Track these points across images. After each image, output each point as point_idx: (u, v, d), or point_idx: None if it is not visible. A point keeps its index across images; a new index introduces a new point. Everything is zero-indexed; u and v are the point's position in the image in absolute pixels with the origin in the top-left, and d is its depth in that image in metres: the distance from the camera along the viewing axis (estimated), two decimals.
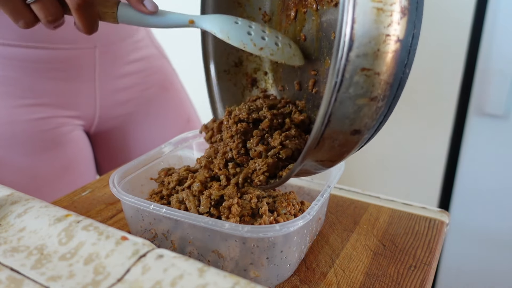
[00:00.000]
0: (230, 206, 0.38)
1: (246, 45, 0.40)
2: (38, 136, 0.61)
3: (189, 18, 0.41)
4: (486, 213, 1.07)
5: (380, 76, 0.26)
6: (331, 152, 0.31)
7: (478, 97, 0.99)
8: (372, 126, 0.29)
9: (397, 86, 0.28)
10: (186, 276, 0.26)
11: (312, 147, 0.30)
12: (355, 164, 1.17)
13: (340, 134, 0.29)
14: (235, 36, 0.40)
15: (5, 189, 0.39)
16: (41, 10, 0.38)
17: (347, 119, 0.28)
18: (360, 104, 0.27)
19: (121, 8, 0.39)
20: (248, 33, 0.41)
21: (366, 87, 0.27)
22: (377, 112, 0.28)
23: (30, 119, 0.60)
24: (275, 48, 0.41)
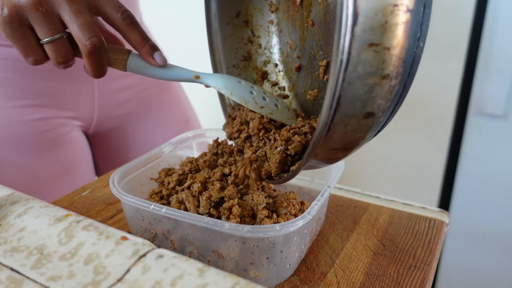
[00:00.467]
0: (231, 207, 0.38)
1: (248, 102, 0.42)
2: (36, 136, 0.61)
3: (195, 74, 0.42)
4: (486, 213, 1.07)
5: (390, 51, 0.24)
6: (345, 139, 0.28)
7: (478, 97, 0.99)
8: (387, 108, 0.27)
9: (411, 62, 0.25)
10: (186, 276, 0.26)
11: (323, 134, 0.27)
12: (355, 164, 1.17)
13: (352, 118, 0.26)
14: (238, 93, 0.42)
15: (5, 189, 0.39)
16: (53, 51, 0.40)
17: (358, 101, 0.25)
18: (371, 83, 0.25)
19: (132, 57, 0.41)
20: (250, 92, 0.43)
21: (376, 64, 0.24)
22: (391, 91, 0.26)
23: (28, 120, 0.60)
24: (274, 108, 0.42)
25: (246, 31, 0.50)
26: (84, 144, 0.68)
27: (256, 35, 0.50)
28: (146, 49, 0.40)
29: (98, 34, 0.39)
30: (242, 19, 0.50)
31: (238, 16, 0.49)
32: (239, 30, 0.50)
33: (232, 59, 0.51)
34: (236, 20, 0.50)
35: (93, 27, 0.38)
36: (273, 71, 0.51)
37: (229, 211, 0.38)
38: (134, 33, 0.40)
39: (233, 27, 0.50)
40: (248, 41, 0.51)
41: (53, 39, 0.39)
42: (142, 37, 0.40)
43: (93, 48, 0.38)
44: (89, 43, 0.38)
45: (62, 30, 0.39)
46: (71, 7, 0.38)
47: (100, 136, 0.71)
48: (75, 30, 0.38)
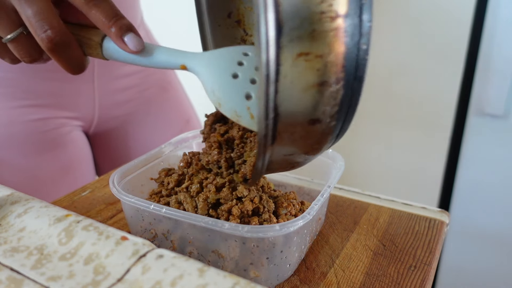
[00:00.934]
0: (230, 209, 0.37)
1: (240, 118, 0.31)
2: (37, 137, 0.61)
3: (180, 62, 0.34)
4: (486, 213, 1.07)
5: (324, 58, 0.23)
6: (297, 145, 0.27)
7: (478, 97, 0.99)
8: (335, 112, 0.26)
9: (354, 65, 0.24)
10: (186, 276, 0.26)
11: (267, 143, 0.26)
12: (355, 164, 1.17)
13: (297, 126, 0.25)
14: (228, 104, 0.32)
15: (5, 189, 0.39)
16: (16, 49, 0.35)
17: (298, 109, 0.24)
18: (308, 92, 0.24)
19: (106, 45, 0.34)
20: (247, 96, 0.32)
21: (310, 73, 0.23)
22: (335, 97, 0.25)
23: (29, 120, 0.60)
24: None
25: (238, 31, 0.50)
26: (84, 144, 0.68)
27: (249, 34, 0.50)
28: (114, 31, 0.32)
29: (54, 25, 0.32)
30: (234, 19, 0.49)
31: (229, 17, 0.49)
32: (232, 30, 0.50)
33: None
34: (228, 20, 0.49)
35: (48, 15, 0.32)
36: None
37: (227, 212, 0.38)
38: (98, 10, 0.32)
39: (225, 28, 0.50)
40: (241, 40, 0.51)
41: (12, 37, 0.34)
42: (107, 14, 0.32)
43: (50, 44, 0.32)
44: (44, 37, 0.32)
45: (20, 24, 0.33)
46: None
47: (101, 136, 0.71)
48: (29, 23, 0.32)
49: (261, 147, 0.26)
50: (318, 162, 0.49)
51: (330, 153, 0.48)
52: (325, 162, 0.48)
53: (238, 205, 0.38)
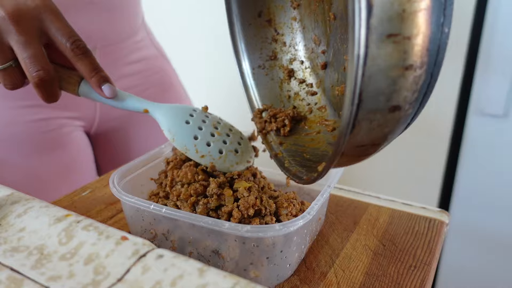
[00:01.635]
0: (230, 211, 0.37)
1: (188, 151, 0.41)
2: (38, 137, 0.61)
3: (145, 106, 0.43)
4: (486, 213, 1.07)
5: (411, 41, 0.23)
6: (371, 135, 0.27)
7: (478, 97, 0.99)
8: (414, 100, 0.26)
9: (436, 50, 0.24)
10: (186, 276, 0.26)
11: (347, 132, 0.26)
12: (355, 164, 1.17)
13: (377, 113, 0.25)
14: (180, 140, 0.41)
15: (5, 189, 0.39)
16: (2, 78, 0.40)
17: (382, 95, 0.24)
18: (394, 75, 0.24)
19: (83, 86, 0.41)
20: (194, 137, 0.42)
21: (397, 56, 0.23)
22: (417, 82, 0.25)
23: (31, 120, 0.60)
24: (216, 157, 0.42)
25: (269, 30, 0.50)
26: (85, 145, 0.68)
27: (280, 33, 0.50)
28: (94, 80, 0.40)
29: (45, 67, 0.39)
30: (265, 18, 0.49)
31: (260, 16, 0.49)
32: (262, 29, 0.50)
33: (258, 60, 0.51)
34: (259, 19, 0.49)
35: (41, 59, 0.39)
36: (300, 69, 0.50)
37: (228, 214, 0.37)
38: (83, 63, 0.40)
39: (256, 27, 0.50)
40: (273, 40, 0.50)
41: (2, 67, 0.39)
42: (91, 67, 0.40)
43: (40, 81, 0.39)
44: (35, 76, 0.38)
45: (11, 59, 0.39)
46: (20, 37, 0.38)
47: (102, 136, 0.71)
48: (23, 62, 0.39)
49: (342, 137, 0.26)
50: None
51: None
52: None
53: (238, 208, 0.37)
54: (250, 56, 0.50)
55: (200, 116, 0.44)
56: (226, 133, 0.44)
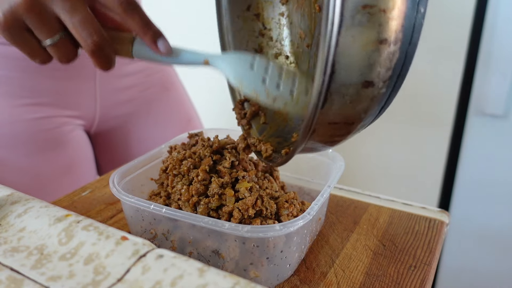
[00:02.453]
0: (231, 211, 0.37)
1: (259, 95, 0.38)
2: (39, 135, 0.61)
3: (204, 57, 0.40)
4: (486, 213, 1.07)
5: (387, 14, 0.23)
6: (344, 111, 0.27)
7: (478, 97, 0.99)
8: (388, 78, 0.26)
9: (411, 28, 0.24)
10: (186, 276, 0.26)
11: (319, 104, 0.26)
12: (355, 164, 1.17)
13: (350, 88, 0.25)
14: (248, 84, 0.39)
15: (5, 189, 0.39)
16: (55, 53, 0.38)
17: (355, 68, 0.24)
18: (368, 48, 0.24)
19: (136, 45, 0.39)
20: (263, 80, 0.39)
21: (372, 28, 0.23)
22: (391, 59, 0.25)
23: (31, 119, 0.60)
24: (289, 99, 0.39)
25: (257, 24, 0.50)
26: (86, 144, 0.68)
27: (268, 28, 0.50)
28: (148, 37, 0.38)
29: (98, 30, 0.37)
30: (253, 12, 0.49)
31: (248, 10, 0.49)
32: (250, 23, 0.49)
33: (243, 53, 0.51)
34: (247, 13, 0.49)
35: (92, 23, 0.36)
36: (284, 63, 0.50)
37: (228, 214, 0.37)
38: (134, 19, 0.37)
39: (243, 21, 0.49)
40: (260, 34, 0.50)
41: (53, 42, 0.37)
42: (143, 23, 0.38)
43: (95, 46, 0.37)
44: (90, 42, 0.36)
45: (60, 30, 0.37)
46: (65, 3, 0.36)
47: (102, 135, 0.71)
48: (74, 29, 0.36)
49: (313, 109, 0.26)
50: (318, 162, 0.49)
51: (330, 153, 0.48)
52: (325, 162, 0.48)
53: (239, 208, 0.37)
54: (236, 48, 0.50)
55: (263, 61, 0.41)
56: (292, 80, 0.41)
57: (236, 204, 0.37)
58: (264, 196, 0.39)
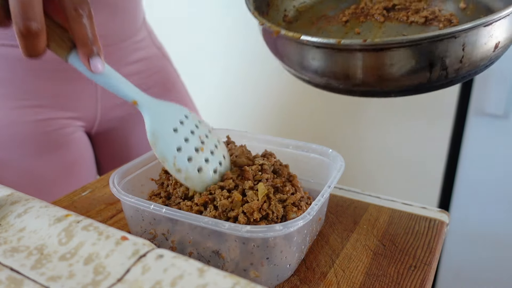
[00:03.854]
0: (236, 216, 0.37)
1: (166, 162, 0.38)
2: (39, 137, 0.61)
3: (135, 97, 0.38)
4: (486, 213, 1.07)
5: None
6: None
7: (478, 97, 0.99)
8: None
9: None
10: (186, 276, 0.26)
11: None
12: (355, 164, 1.17)
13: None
14: (161, 148, 0.38)
15: (5, 189, 0.39)
16: None
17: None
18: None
19: (74, 55, 0.36)
20: (177, 148, 0.38)
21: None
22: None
23: (32, 121, 0.60)
24: (193, 174, 0.39)
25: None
26: (86, 145, 0.68)
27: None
28: (84, 51, 0.36)
29: (38, 18, 0.33)
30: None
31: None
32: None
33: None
34: None
35: (35, 7, 0.33)
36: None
37: (234, 219, 0.37)
38: (80, 29, 0.35)
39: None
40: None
41: None
42: (86, 36, 0.35)
43: (27, 33, 0.33)
44: (23, 26, 0.32)
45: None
46: None
47: (102, 135, 0.71)
48: (13, 5, 0.32)
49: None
50: (318, 162, 0.49)
51: (330, 153, 0.48)
52: (325, 162, 0.48)
53: (244, 212, 0.37)
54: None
55: (191, 125, 0.40)
56: (211, 150, 0.41)
57: (242, 208, 0.37)
58: (272, 199, 0.39)
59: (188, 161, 0.39)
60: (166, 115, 0.39)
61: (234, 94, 1.28)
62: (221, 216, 0.37)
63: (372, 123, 1.13)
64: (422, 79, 0.40)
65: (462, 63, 0.40)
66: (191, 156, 0.39)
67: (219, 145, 0.43)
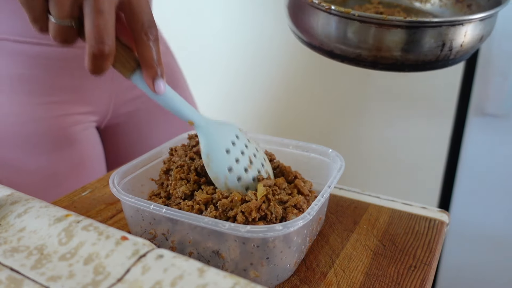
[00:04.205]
0: (235, 215, 0.37)
1: (218, 180, 0.40)
2: (57, 133, 0.63)
3: (192, 117, 0.40)
4: (486, 213, 1.07)
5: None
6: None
7: (478, 97, 0.99)
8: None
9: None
10: (186, 276, 0.26)
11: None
12: (355, 164, 1.17)
13: None
14: (215, 168, 0.40)
15: (5, 189, 0.39)
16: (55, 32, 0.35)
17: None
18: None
19: (138, 75, 0.38)
20: (229, 169, 0.40)
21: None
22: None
23: (52, 116, 0.62)
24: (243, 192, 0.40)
25: None
26: (97, 142, 0.70)
27: None
28: (150, 73, 0.37)
29: (110, 43, 0.35)
30: None
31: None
32: None
33: None
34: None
35: (109, 32, 0.34)
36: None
37: (233, 218, 0.37)
38: (150, 52, 0.37)
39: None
40: None
41: (60, 23, 0.34)
42: (152, 58, 0.37)
43: (99, 54, 0.34)
44: (97, 49, 0.34)
45: (75, 17, 0.34)
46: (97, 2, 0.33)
47: (111, 129, 0.73)
48: (89, 28, 0.34)
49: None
50: (318, 162, 0.49)
51: (330, 153, 0.48)
52: (325, 162, 0.48)
53: (243, 212, 0.37)
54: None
55: (241, 145, 0.43)
56: (258, 169, 0.43)
57: (241, 207, 0.37)
58: (272, 200, 0.39)
59: (237, 180, 0.41)
60: (219, 136, 0.41)
61: (234, 94, 1.28)
62: (221, 216, 0.37)
63: (372, 123, 1.13)
64: (433, 56, 0.49)
65: (461, 47, 0.49)
66: (241, 176, 0.41)
67: (265, 163, 0.45)
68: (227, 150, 0.41)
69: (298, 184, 0.42)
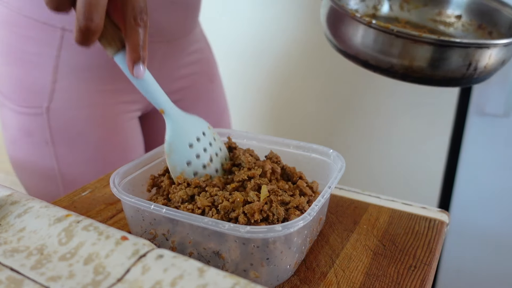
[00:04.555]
0: (237, 217, 0.37)
1: (173, 173, 0.42)
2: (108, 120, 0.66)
3: (164, 106, 0.42)
4: (486, 213, 1.07)
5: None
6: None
7: (478, 97, 0.99)
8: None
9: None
10: (186, 276, 0.26)
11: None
12: (355, 164, 1.17)
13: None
14: (174, 160, 0.42)
15: (5, 189, 0.39)
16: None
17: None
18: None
19: (120, 55, 0.39)
20: (187, 163, 0.42)
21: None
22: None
23: (105, 103, 0.65)
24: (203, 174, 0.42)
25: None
26: (138, 132, 0.73)
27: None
28: (132, 56, 0.38)
29: (98, 21, 0.35)
30: None
31: None
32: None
33: None
34: None
35: (99, 10, 0.35)
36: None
37: (234, 219, 0.37)
38: (136, 36, 0.37)
39: None
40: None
41: None
42: (137, 43, 0.38)
43: (86, 30, 0.35)
44: (84, 24, 0.35)
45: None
46: None
47: (150, 117, 0.76)
48: (80, 4, 0.34)
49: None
50: (318, 162, 0.49)
51: (330, 153, 0.48)
52: (326, 162, 0.48)
53: (245, 213, 0.37)
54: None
55: (205, 142, 0.44)
56: (216, 168, 0.45)
57: (243, 208, 0.37)
58: (274, 202, 0.39)
59: (194, 175, 0.43)
60: (186, 129, 0.43)
61: (234, 94, 1.28)
62: (223, 218, 0.37)
63: (372, 123, 1.13)
64: (459, 74, 0.53)
65: (485, 68, 0.52)
66: (197, 172, 0.43)
67: (224, 163, 0.46)
68: (190, 144, 0.43)
69: (300, 185, 0.42)
